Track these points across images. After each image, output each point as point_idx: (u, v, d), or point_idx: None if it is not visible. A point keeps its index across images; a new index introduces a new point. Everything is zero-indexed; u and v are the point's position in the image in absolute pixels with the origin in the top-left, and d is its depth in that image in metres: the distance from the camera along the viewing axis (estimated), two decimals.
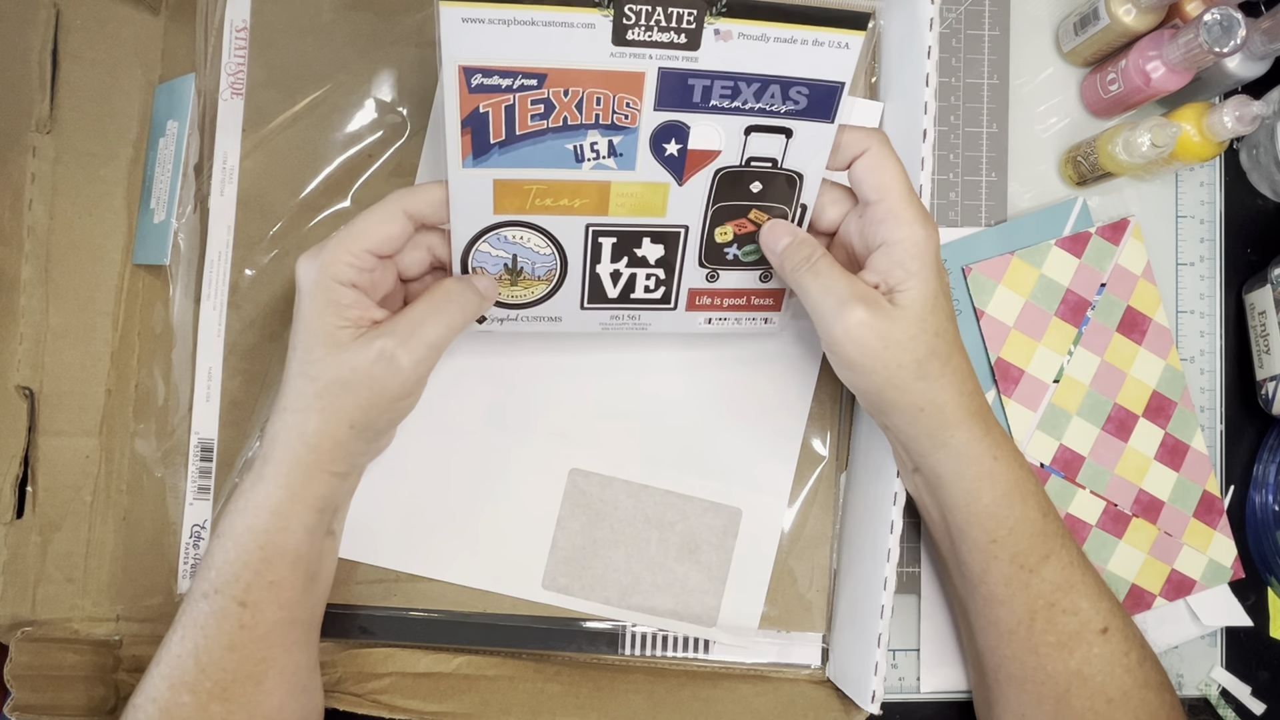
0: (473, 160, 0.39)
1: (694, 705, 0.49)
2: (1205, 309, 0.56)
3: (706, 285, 0.45)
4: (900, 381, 0.40)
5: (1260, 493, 0.55)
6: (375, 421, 0.41)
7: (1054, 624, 0.42)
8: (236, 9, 0.50)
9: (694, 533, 0.50)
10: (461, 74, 0.36)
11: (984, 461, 0.41)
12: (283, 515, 0.40)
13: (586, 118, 0.38)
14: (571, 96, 0.37)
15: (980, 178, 0.55)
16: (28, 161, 0.50)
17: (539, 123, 0.38)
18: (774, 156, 0.41)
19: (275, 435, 0.40)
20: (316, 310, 0.39)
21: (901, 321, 0.39)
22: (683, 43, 0.36)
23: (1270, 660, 0.55)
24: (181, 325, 0.50)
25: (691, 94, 0.38)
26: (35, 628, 0.49)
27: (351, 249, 0.39)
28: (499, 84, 0.36)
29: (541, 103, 0.37)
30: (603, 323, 0.46)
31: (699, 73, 0.37)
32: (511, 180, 0.39)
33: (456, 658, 0.50)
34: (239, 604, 0.40)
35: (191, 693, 0.39)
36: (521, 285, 0.44)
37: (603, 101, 0.37)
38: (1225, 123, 0.48)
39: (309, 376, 0.40)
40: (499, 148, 0.38)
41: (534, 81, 0.36)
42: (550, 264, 0.43)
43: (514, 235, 0.42)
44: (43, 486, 0.49)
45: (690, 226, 0.43)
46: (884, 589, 0.45)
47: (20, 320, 0.50)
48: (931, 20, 0.45)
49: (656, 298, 0.45)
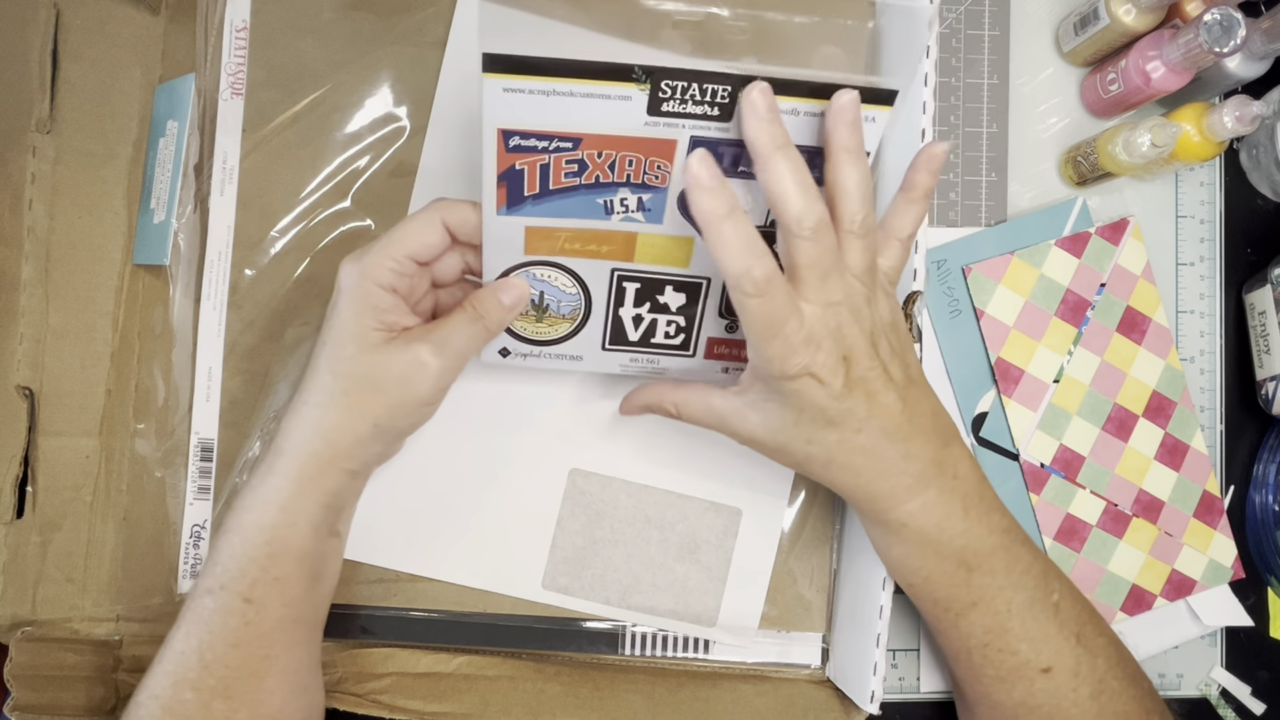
0: (506, 210, 0.40)
1: (694, 705, 0.49)
2: (1205, 309, 0.56)
3: (725, 335, 0.46)
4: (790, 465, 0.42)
5: (1260, 493, 0.55)
6: (398, 423, 0.41)
7: (990, 660, 0.42)
8: (236, 9, 0.50)
9: (694, 533, 0.50)
10: (500, 136, 0.37)
11: (889, 525, 0.41)
12: (291, 510, 0.40)
13: (619, 177, 0.39)
14: (605, 159, 0.38)
15: (980, 178, 0.55)
16: (28, 161, 0.50)
17: (572, 180, 0.39)
18: None
19: (290, 429, 0.41)
20: (355, 311, 0.40)
21: (771, 434, 0.40)
22: (715, 115, 0.37)
23: (1270, 660, 0.55)
24: (181, 325, 0.50)
25: (721, 160, 0.38)
26: (35, 628, 0.49)
27: (394, 254, 0.40)
28: (535, 145, 0.37)
29: (576, 163, 0.38)
30: (622, 364, 0.47)
31: (729, 141, 0.38)
32: (542, 227, 0.41)
33: (456, 658, 0.50)
34: (244, 600, 0.40)
35: (194, 689, 0.39)
36: (547, 322, 0.44)
37: (635, 164, 0.38)
38: (1225, 123, 0.48)
39: (336, 373, 0.40)
40: (532, 200, 0.39)
41: (569, 144, 0.38)
42: (575, 303, 0.44)
43: (542, 273, 0.43)
44: (43, 486, 0.49)
45: (712, 280, 0.43)
46: (884, 589, 0.45)
47: (20, 320, 0.50)
48: (931, 20, 0.45)
49: (676, 344, 0.46)
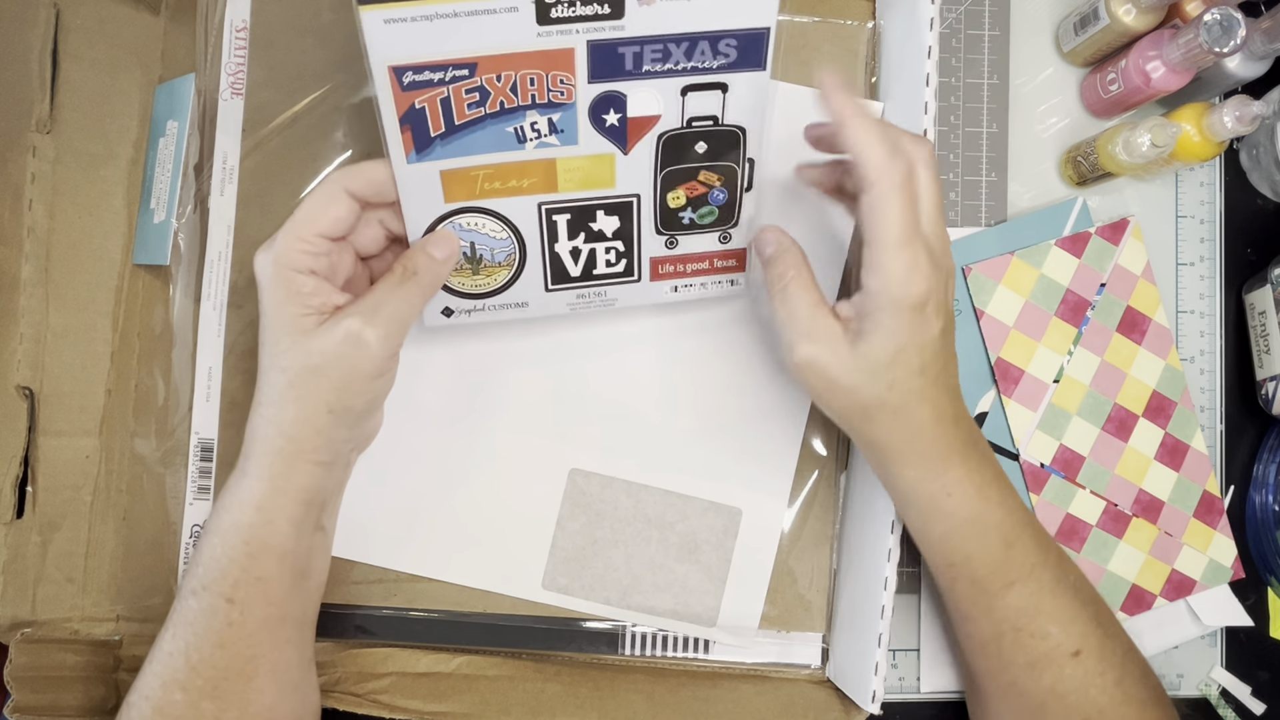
0: (416, 155, 0.39)
1: (694, 705, 0.49)
2: (1205, 309, 0.56)
3: (667, 252, 0.45)
4: (845, 420, 0.41)
5: (1260, 493, 0.55)
6: (352, 404, 0.40)
7: (1022, 646, 0.42)
8: (236, 9, 0.50)
9: (694, 533, 0.50)
10: (392, 74, 0.37)
11: (935, 498, 0.41)
12: (267, 510, 0.40)
13: (523, 99, 0.38)
14: (505, 81, 0.38)
15: (980, 178, 0.55)
16: (28, 161, 0.50)
17: (476, 110, 0.38)
18: (714, 114, 0.41)
19: (254, 431, 0.40)
20: (278, 302, 0.39)
21: (851, 371, 0.39)
22: (607, 13, 0.36)
23: (1270, 660, 0.55)
24: (181, 325, 0.50)
25: (623, 62, 0.38)
26: (35, 628, 0.49)
27: (303, 235, 0.39)
28: (430, 79, 0.37)
29: (476, 91, 0.38)
30: (570, 303, 0.46)
31: (627, 40, 0.38)
32: (457, 169, 0.40)
33: (456, 658, 0.50)
34: (226, 600, 0.40)
35: (183, 690, 0.39)
36: (484, 274, 0.44)
37: (536, 81, 0.38)
38: (1225, 123, 0.48)
39: (279, 368, 0.40)
40: (440, 140, 0.39)
41: (465, 71, 0.37)
42: (509, 248, 0.43)
43: (469, 222, 0.42)
44: (43, 486, 0.49)
45: (642, 195, 0.43)
46: (884, 589, 0.45)
47: (20, 320, 0.50)
48: (931, 20, 0.45)
49: (619, 271, 0.45)
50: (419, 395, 0.49)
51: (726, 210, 0.44)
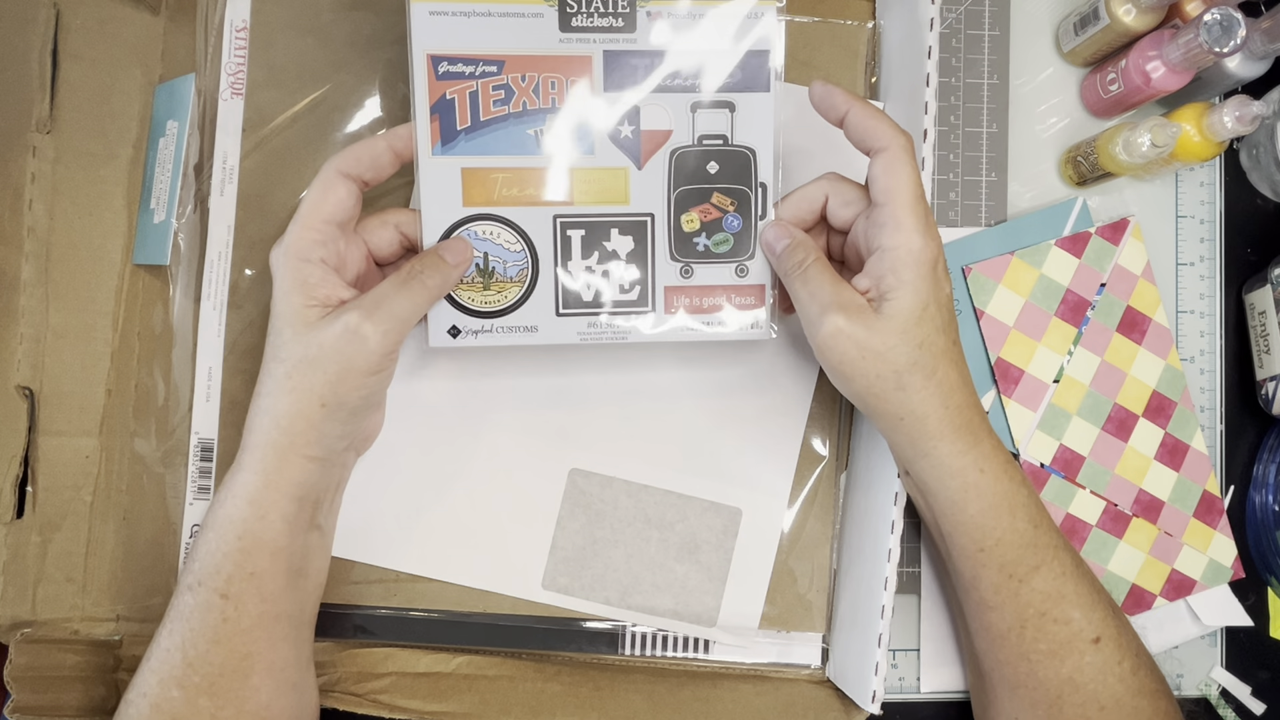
0: (441, 147, 0.42)
1: (694, 705, 0.49)
2: (1205, 309, 0.56)
3: (682, 281, 0.45)
4: (879, 390, 0.40)
5: (1260, 493, 0.55)
6: (346, 399, 0.40)
7: (1045, 632, 0.42)
8: (236, 9, 0.50)
9: (694, 533, 0.50)
10: (430, 62, 0.41)
11: (968, 474, 0.41)
12: (260, 504, 0.40)
13: (544, 102, 0.42)
14: (529, 82, 0.42)
15: (980, 178, 0.55)
16: (28, 161, 0.50)
17: (500, 108, 0.42)
18: (723, 133, 0.43)
19: (251, 424, 0.41)
20: (285, 292, 0.40)
21: (882, 332, 0.39)
22: (620, 25, 0.41)
23: (1270, 660, 0.55)
24: (181, 325, 0.50)
25: (636, 74, 0.42)
26: (35, 628, 0.49)
27: (309, 224, 0.40)
28: (463, 70, 0.41)
29: (502, 89, 0.42)
30: (580, 331, 0.45)
31: (639, 53, 0.42)
32: (478, 169, 0.42)
33: (456, 658, 0.50)
34: (220, 596, 0.40)
35: (180, 687, 0.39)
36: (495, 288, 0.44)
37: (558, 85, 0.42)
38: (1225, 123, 0.49)
39: (278, 359, 0.40)
40: (465, 134, 0.42)
41: (494, 68, 0.42)
42: (521, 263, 0.44)
43: (484, 231, 0.43)
44: (43, 486, 0.49)
45: (655, 214, 0.44)
46: (884, 589, 0.45)
47: (20, 320, 0.50)
48: (932, 20, 0.45)
49: (632, 299, 0.45)
50: (420, 395, 0.49)
51: (742, 239, 0.44)
